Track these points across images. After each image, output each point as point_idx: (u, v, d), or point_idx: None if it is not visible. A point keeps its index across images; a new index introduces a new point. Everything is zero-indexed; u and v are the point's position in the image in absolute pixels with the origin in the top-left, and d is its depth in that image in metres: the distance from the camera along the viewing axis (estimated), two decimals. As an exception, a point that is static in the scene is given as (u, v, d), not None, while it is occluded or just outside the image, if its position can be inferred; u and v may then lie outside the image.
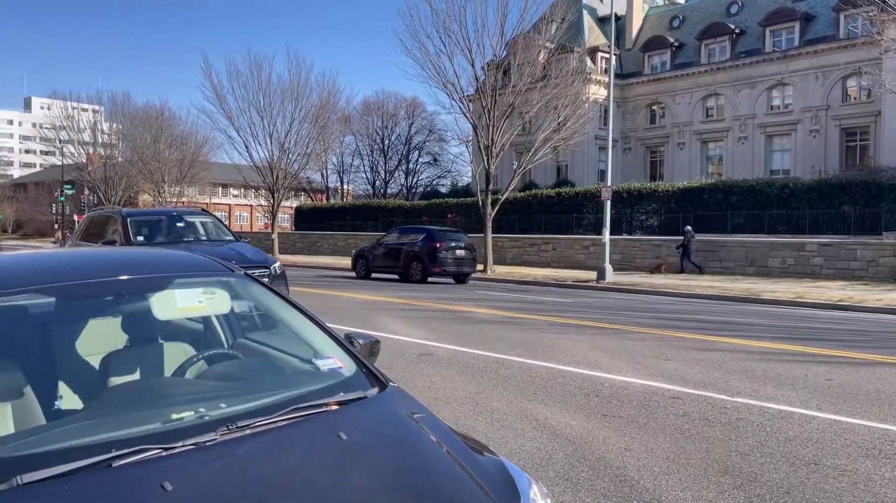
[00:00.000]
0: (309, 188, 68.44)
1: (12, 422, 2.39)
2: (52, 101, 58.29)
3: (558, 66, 29.47)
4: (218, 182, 72.32)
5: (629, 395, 6.84)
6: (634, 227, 34.77)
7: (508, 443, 5.27)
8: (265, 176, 37.62)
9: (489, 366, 8.29)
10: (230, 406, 2.37)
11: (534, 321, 12.65)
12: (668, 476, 4.60)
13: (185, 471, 1.96)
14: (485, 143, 26.06)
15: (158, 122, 50.02)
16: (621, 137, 52.56)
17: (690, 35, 51.22)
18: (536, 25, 29.07)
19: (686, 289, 19.50)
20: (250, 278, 3.28)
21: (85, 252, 3.41)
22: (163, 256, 3.50)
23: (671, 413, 6.19)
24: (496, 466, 2.42)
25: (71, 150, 53.75)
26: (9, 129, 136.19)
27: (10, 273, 2.95)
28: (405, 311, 14.09)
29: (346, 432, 2.28)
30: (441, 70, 26.41)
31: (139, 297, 3.02)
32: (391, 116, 72.89)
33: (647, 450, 5.14)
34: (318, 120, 37.71)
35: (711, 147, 50.49)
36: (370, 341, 3.24)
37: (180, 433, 2.13)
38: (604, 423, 5.84)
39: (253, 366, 3.10)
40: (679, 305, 16.27)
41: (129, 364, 2.98)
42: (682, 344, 10.14)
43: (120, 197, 51.18)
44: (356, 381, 2.72)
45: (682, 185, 34.74)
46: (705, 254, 26.18)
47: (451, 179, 73.42)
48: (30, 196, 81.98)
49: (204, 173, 53.75)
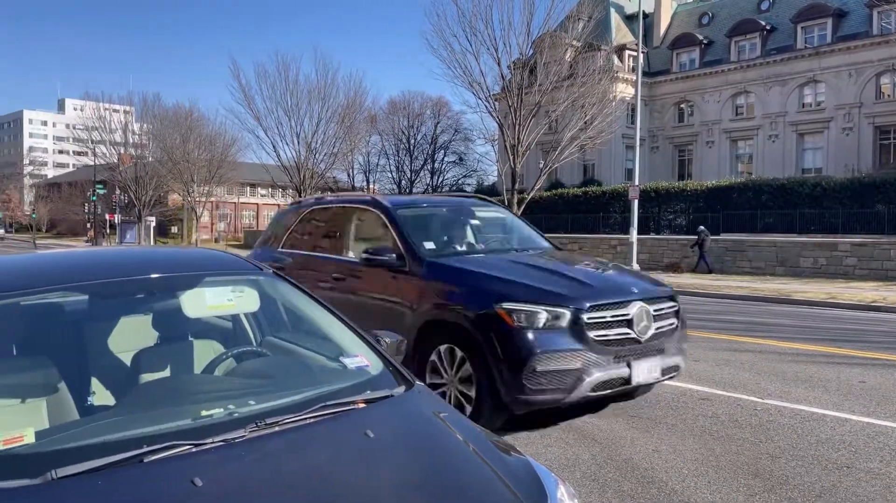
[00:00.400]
0: (335, 188, 68.77)
1: (47, 417, 2.44)
2: (85, 102, 59.30)
3: (585, 64, 29.30)
4: (246, 182, 72.99)
5: (657, 396, 6.77)
6: (662, 226, 34.45)
7: (534, 443, 5.25)
8: (292, 175, 37.94)
9: (515, 366, 8.25)
10: (259, 403, 2.40)
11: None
12: (696, 478, 4.55)
13: (214, 467, 1.98)
14: (511, 142, 25.98)
15: (188, 123, 50.66)
16: (649, 136, 52.11)
17: (720, 32, 50.59)
18: (563, 24, 28.94)
19: (715, 289, 19.26)
20: (279, 277, 3.30)
21: (117, 250, 3.47)
22: (193, 254, 3.54)
23: (700, 414, 6.12)
24: (523, 466, 2.41)
25: (103, 150, 54.66)
26: (43, 131, 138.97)
27: (44, 271, 3.01)
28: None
29: (374, 430, 2.29)
30: (467, 69, 26.43)
31: (170, 295, 3.06)
32: (417, 116, 73.04)
33: (676, 451, 5.09)
34: (344, 120, 37.95)
35: (741, 145, 49.82)
36: (397, 340, 3.25)
37: (210, 429, 2.15)
38: (631, 424, 5.79)
39: (281, 363, 3.12)
40: (708, 305, 16.08)
41: (160, 361, 3.03)
42: (710, 344, 10.02)
43: (150, 196, 51.93)
44: (383, 380, 2.73)
45: (710, 184, 34.34)
46: (734, 253, 25.84)
47: (477, 179, 73.39)
48: (63, 195, 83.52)
49: (232, 173, 54.29)
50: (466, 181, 73.55)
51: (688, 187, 34.73)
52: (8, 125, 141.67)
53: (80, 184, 75.60)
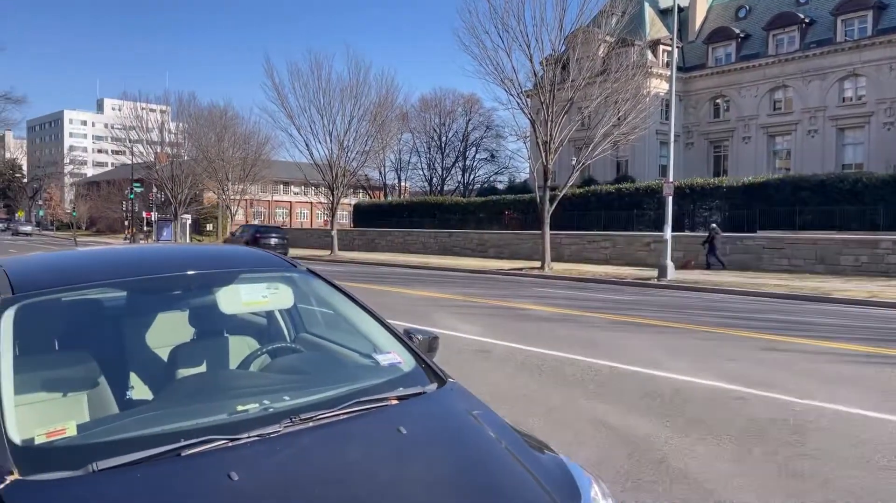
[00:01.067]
0: (367, 185, 69.17)
1: (88, 410, 2.49)
2: (123, 102, 60.40)
3: (618, 59, 28.99)
4: (279, 180, 73.70)
5: (692, 396, 6.69)
6: (697, 223, 33.94)
7: (568, 441, 5.22)
8: (325, 173, 38.16)
9: (547, 364, 8.23)
10: (293, 399, 2.42)
11: (592, 319, 12.50)
12: (732, 478, 4.48)
13: (250, 462, 2.01)
14: (543, 138, 25.80)
15: (222, 122, 51.24)
16: (683, 132, 51.41)
17: (757, 25, 49.66)
18: (596, 19, 28.63)
19: (752, 287, 18.94)
20: (313, 274, 3.33)
21: (154, 248, 3.52)
22: (228, 251, 3.59)
23: (736, 414, 6.03)
24: (556, 464, 2.40)
25: (140, 149, 55.54)
26: (83, 130, 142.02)
27: (84, 268, 3.07)
28: (462, 308, 14.10)
29: (406, 427, 2.30)
30: (499, 66, 26.26)
31: (206, 292, 3.10)
32: (448, 113, 73.08)
33: (711, 451, 5.02)
34: (376, 118, 38.03)
35: (779, 141, 48.86)
36: (429, 337, 3.25)
37: (245, 424, 2.18)
38: (665, 423, 5.72)
39: (315, 359, 3.15)
40: (744, 304, 15.82)
41: (196, 356, 3.07)
42: (747, 344, 9.86)
43: (186, 194, 52.71)
44: (415, 377, 2.74)
45: (747, 181, 33.72)
46: (772, 251, 25.36)
47: (509, 176, 73.22)
48: (102, 194, 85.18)
49: (266, 171, 54.77)
50: (498, 178, 73.46)
51: (723, 183, 34.16)
52: (49, 125, 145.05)
53: (119, 182, 77.02)
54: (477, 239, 37.47)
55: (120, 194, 72.23)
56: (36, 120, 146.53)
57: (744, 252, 26.11)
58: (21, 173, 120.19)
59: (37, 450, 1.99)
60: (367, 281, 20.76)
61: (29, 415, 2.25)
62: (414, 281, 21.59)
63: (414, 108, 70.09)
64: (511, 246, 35.07)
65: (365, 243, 45.19)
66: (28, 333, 2.55)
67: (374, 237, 44.94)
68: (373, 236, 45.22)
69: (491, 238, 36.71)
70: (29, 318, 2.54)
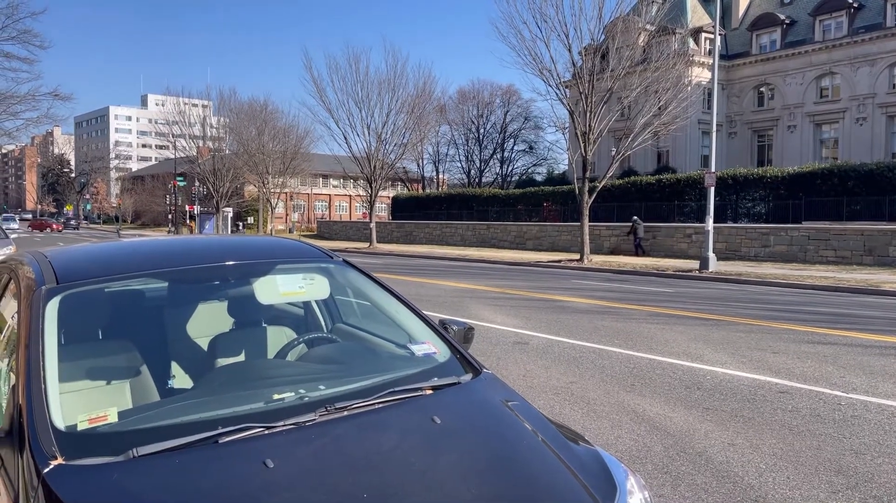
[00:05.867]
0: (405, 178, 69.40)
1: (130, 398, 2.55)
2: (166, 97, 61.56)
3: (659, 48, 28.54)
4: (318, 173, 74.43)
5: (733, 389, 6.57)
6: (740, 214, 33.28)
7: (605, 434, 5.18)
8: (363, 166, 38.38)
9: (585, 356, 8.17)
10: (329, 388, 2.44)
11: (632, 311, 12.36)
12: (774, 473, 4.39)
13: (285, 450, 2.03)
14: (582, 129, 25.54)
15: (263, 116, 51.86)
16: (726, 121, 50.41)
17: (803, 11, 48.37)
18: (636, 7, 28.24)
19: (797, 279, 18.51)
20: (348, 264, 3.35)
21: (194, 239, 3.58)
22: (265, 243, 3.62)
23: (779, 408, 5.91)
24: (592, 456, 2.38)
25: (182, 143, 56.62)
26: (127, 125, 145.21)
27: (126, 259, 3.14)
28: (499, 300, 14.07)
29: (441, 417, 2.30)
30: (537, 56, 26.03)
31: (244, 282, 3.15)
32: (486, 105, 72.81)
33: (753, 445, 4.93)
34: (414, 110, 38.12)
35: (825, 129, 47.58)
36: (464, 328, 3.25)
37: (282, 413, 2.21)
38: (705, 417, 5.63)
39: (350, 349, 3.17)
40: (788, 296, 15.47)
41: (235, 346, 3.12)
42: (791, 336, 9.64)
43: (227, 188, 53.55)
44: (450, 367, 2.74)
45: (792, 170, 32.93)
46: (817, 242, 24.72)
47: (547, 167, 72.72)
48: (146, 188, 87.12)
49: (305, 164, 55.33)
50: (536, 170, 73.00)
51: (767, 174, 33.41)
52: (95, 121, 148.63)
53: (162, 176, 78.61)
54: (515, 231, 37.32)
55: (163, 188, 73.76)
56: (83, 116, 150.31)
57: (788, 243, 25.53)
58: (69, 168, 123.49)
59: (80, 435, 2.04)
60: (404, 273, 20.84)
61: (73, 402, 2.31)
62: (451, 273, 21.61)
63: (452, 100, 70.09)
64: (549, 238, 34.86)
65: (403, 235, 45.38)
66: (72, 322, 2.62)
67: (412, 229, 45.09)
68: (411, 228, 45.37)
69: (529, 230, 36.53)
70: (73, 308, 2.60)
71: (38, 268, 2.75)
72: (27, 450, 1.94)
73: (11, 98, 36.40)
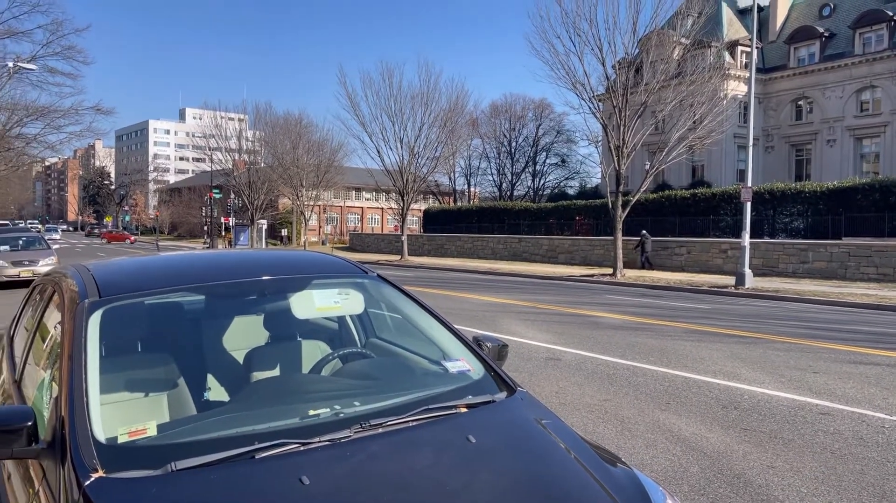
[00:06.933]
0: (437, 191, 69.58)
1: (167, 410, 2.57)
2: (203, 111, 62.72)
3: (694, 62, 28.26)
4: (351, 186, 74.98)
5: (772, 409, 6.43)
6: (777, 229, 32.69)
7: (639, 453, 5.10)
8: (395, 179, 38.61)
9: (619, 373, 8.06)
10: (363, 404, 2.44)
11: (666, 327, 12.19)
12: (816, 498, 4.27)
13: (321, 466, 2.03)
14: (615, 143, 25.38)
15: (297, 130, 52.52)
16: (763, 135, 49.68)
17: (843, 24, 47.57)
18: (671, 21, 28.02)
19: (836, 296, 18.09)
20: (383, 280, 3.36)
21: (231, 253, 3.62)
22: (302, 257, 3.65)
23: (820, 430, 5.76)
24: (629, 478, 2.34)
25: (219, 156, 57.58)
26: (166, 139, 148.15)
27: (165, 273, 3.19)
28: (531, 314, 13.99)
29: (476, 435, 2.28)
30: (570, 70, 25.98)
31: (281, 297, 3.17)
32: (519, 118, 72.74)
33: (793, 468, 4.80)
34: (446, 124, 38.26)
35: (866, 143, 46.59)
36: (498, 345, 3.23)
37: (317, 429, 2.21)
38: (743, 438, 5.51)
39: (384, 365, 3.17)
40: (828, 314, 15.13)
41: (270, 360, 3.14)
42: (831, 356, 9.41)
43: (262, 200, 54.25)
44: (485, 385, 2.72)
45: (831, 185, 32.28)
46: (858, 259, 24.16)
47: (580, 181, 72.31)
48: (183, 199, 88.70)
49: (338, 177, 55.83)
50: (569, 183, 72.65)
51: (806, 188, 32.79)
52: (135, 134, 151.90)
53: (199, 188, 79.90)
54: (547, 245, 37.14)
55: (199, 200, 74.95)
56: (123, 129, 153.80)
57: (828, 260, 25.00)
58: (109, 180, 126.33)
59: (120, 448, 2.06)
60: (435, 286, 20.85)
61: (113, 414, 2.34)
62: (482, 286, 21.56)
63: (484, 114, 70.18)
64: (582, 252, 34.62)
65: (434, 248, 45.43)
66: (113, 335, 2.66)
67: (444, 242, 45.12)
68: (442, 241, 45.41)
69: (561, 244, 36.33)
70: (114, 321, 2.64)
71: (82, 281, 2.81)
72: (69, 461, 1.97)
73: (55, 112, 37.44)
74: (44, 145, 40.75)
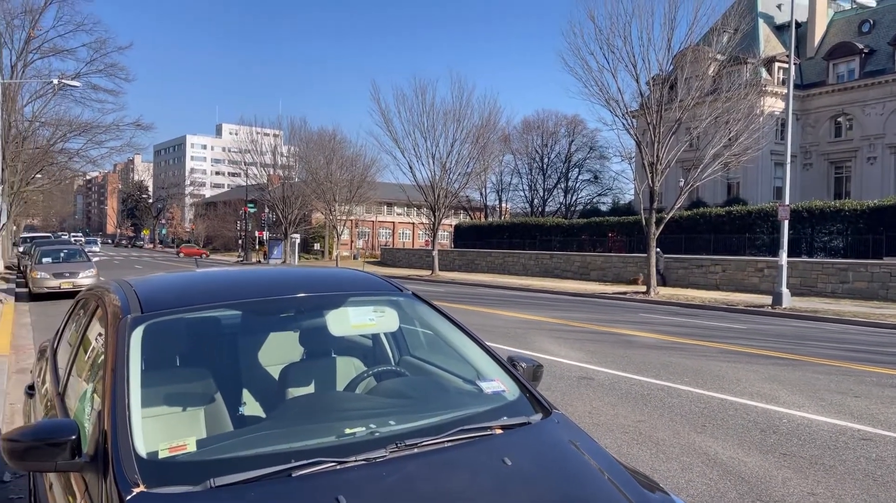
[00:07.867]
0: (468, 206, 69.66)
1: (205, 425, 2.60)
2: (239, 127, 63.76)
3: (730, 78, 27.94)
4: (383, 201, 75.42)
5: (812, 434, 6.28)
6: (815, 248, 32.05)
7: (675, 477, 5.01)
8: (427, 195, 38.74)
9: (653, 394, 7.95)
10: (399, 423, 2.44)
11: (702, 347, 11.99)
12: (859, 527, 4.15)
13: (357, 486, 2.03)
14: (649, 160, 25.17)
15: (331, 145, 53.07)
16: (801, 152, 48.87)
17: (883, 40, 46.73)
18: (706, 37, 27.81)
19: (878, 318, 17.65)
20: (418, 298, 3.37)
21: (268, 270, 3.66)
22: (337, 275, 3.67)
23: (862, 456, 5.61)
24: (664, 503, 2.30)
25: (254, 171, 58.45)
26: (202, 154, 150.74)
27: (204, 290, 3.24)
28: (564, 332, 13.88)
29: (511, 458, 2.26)
30: (604, 86, 25.87)
31: (316, 314, 3.20)
32: (551, 134, 72.64)
33: (834, 495, 4.68)
34: (478, 140, 38.34)
35: (908, 161, 45.56)
36: (533, 365, 3.21)
37: (353, 448, 2.22)
38: (782, 463, 5.39)
39: (419, 384, 3.17)
40: (869, 336, 14.75)
41: (305, 376, 3.16)
42: (873, 379, 9.17)
43: (295, 215, 54.85)
44: (520, 406, 2.70)
45: (872, 204, 31.57)
46: (900, 279, 23.57)
47: (612, 197, 71.81)
48: (218, 213, 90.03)
49: (371, 192, 56.22)
50: (601, 200, 72.22)
51: (846, 206, 32.13)
52: (173, 149, 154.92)
53: (234, 203, 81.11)
54: (579, 261, 36.89)
55: (234, 214, 75.98)
56: (161, 144, 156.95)
57: (868, 280, 24.42)
58: (147, 194, 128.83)
59: (160, 463, 2.09)
60: (466, 302, 20.81)
61: (152, 428, 2.37)
62: (514, 303, 21.47)
63: (516, 130, 70.21)
64: (614, 269, 34.31)
65: (465, 264, 45.40)
66: (154, 350, 2.71)
67: (474, 258, 45.08)
68: (473, 257, 45.37)
69: (594, 260, 36.05)
70: (155, 336, 2.69)
71: (125, 296, 2.86)
72: (111, 475, 2.00)
73: (97, 128, 38.42)
74: (85, 160, 41.85)
